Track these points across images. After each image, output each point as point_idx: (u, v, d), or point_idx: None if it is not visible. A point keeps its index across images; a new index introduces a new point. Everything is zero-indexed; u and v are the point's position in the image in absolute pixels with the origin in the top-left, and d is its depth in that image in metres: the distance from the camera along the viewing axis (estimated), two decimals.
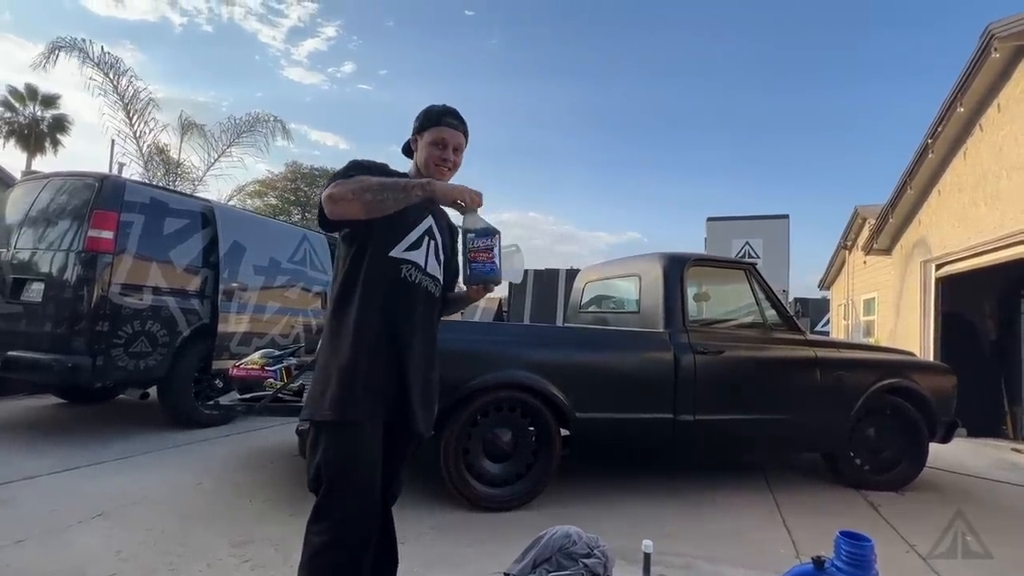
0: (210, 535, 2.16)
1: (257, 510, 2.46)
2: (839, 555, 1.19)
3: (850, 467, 3.40)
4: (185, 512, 2.39)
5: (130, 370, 3.53)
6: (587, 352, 2.95)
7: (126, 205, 3.57)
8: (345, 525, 1.23)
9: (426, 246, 1.41)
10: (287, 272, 4.79)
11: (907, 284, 7.25)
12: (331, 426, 1.24)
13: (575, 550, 1.26)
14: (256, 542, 2.12)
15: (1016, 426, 5.87)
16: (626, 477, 3.31)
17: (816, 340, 3.55)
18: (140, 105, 9.87)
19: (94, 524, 2.22)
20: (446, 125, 1.42)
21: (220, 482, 2.82)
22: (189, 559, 1.96)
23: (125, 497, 2.52)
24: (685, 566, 2.12)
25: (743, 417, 3.10)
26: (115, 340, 3.44)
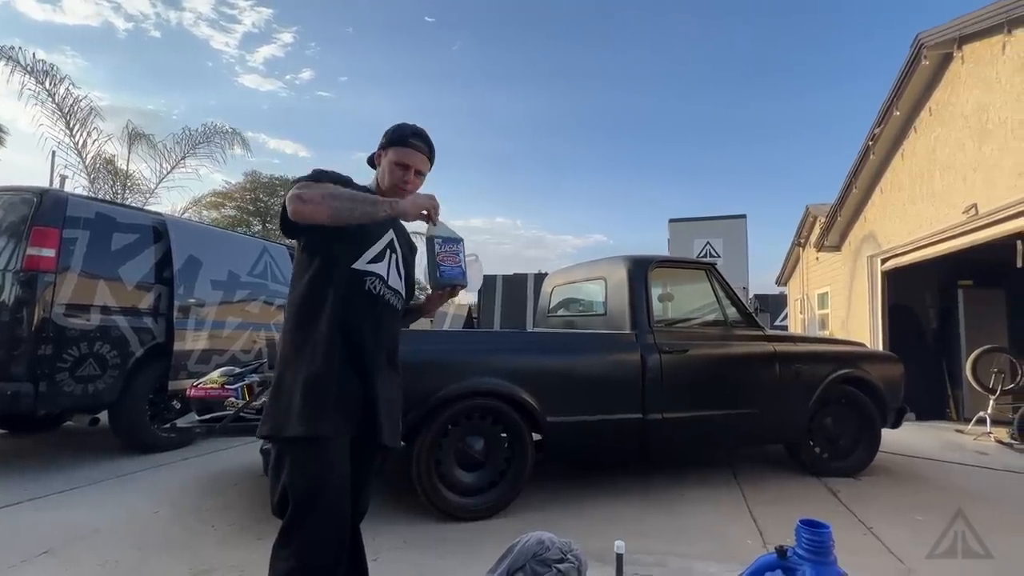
0: (168, 566, 2.06)
1: (220, 536, 2.36)
2: (800, 543, 1.24)
3: (810, 456, 3.54)
4: (141, 543, 2.27)
5: (77, 395, 3.33)
6: (556, 356, 2.98)
7: (69, 221, 3.38)
8: (315, 548, 1.20)
9: (388, 259, 1.41)
10: (247, 286, 4.63)
11: (856, 278, 7.64)
12: (299, 442, 1.21)
13: (548, 556, 1.26)
14: (219, 569, 2.03)
15: (959, 408, 6.25)
16: (599, 478, 3.35)
17: (774, 335, 3.69)
18: (81, 114, 9.38)
19: (40, 562, 2.07)
20: (412, 147, 1.41)
21: (179, 509, 2.69)
22: None
23: (74, 531, 2.37)
24: (657, 563, 2.16)
25: (709, 413, 3.18)
26: (60, 364, 3.24)
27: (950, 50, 5.30)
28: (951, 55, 5.33)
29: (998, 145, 4.66)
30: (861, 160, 7.05)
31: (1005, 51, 4.58)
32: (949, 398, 6.39)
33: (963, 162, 5.18)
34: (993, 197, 4.67)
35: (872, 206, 7.31)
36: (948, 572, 2.16)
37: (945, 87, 5.53)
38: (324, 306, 1.27)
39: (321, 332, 1.25)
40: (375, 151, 1.47)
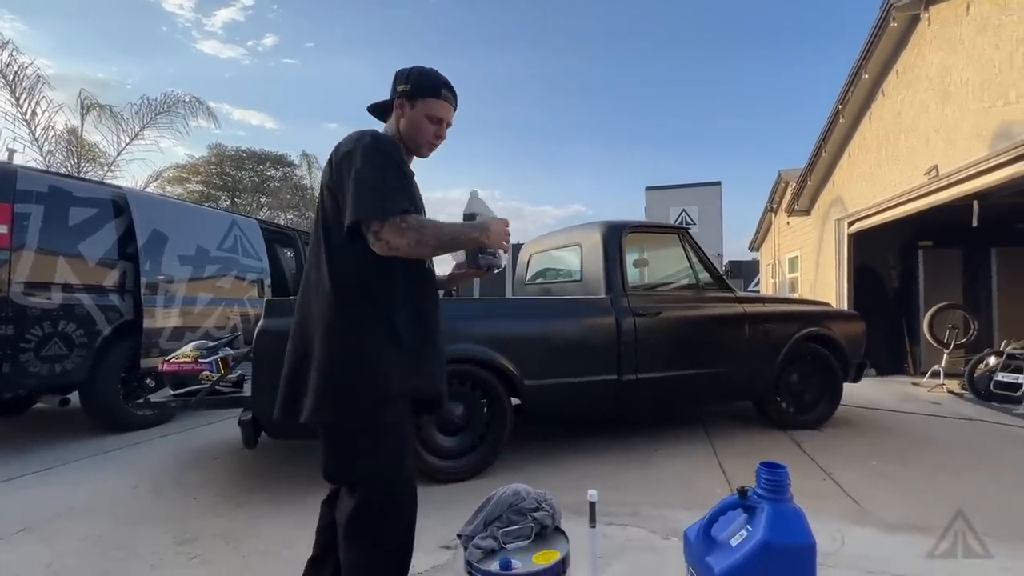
0: (152, 536, 2.07)
1: (203, 507, 2.38)
2: (759, 484, 1.32)
3: (777, 411, 3.72)
4: (122, 518, 2.27)
5: (44, 376, 3.24)
6: (532, 322, 3.02)
7: (20, 195, 3.21)
8: (404, 525, 1.20)
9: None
10: (217, 260, 4.51)
11: (824, 241, 7.85)
12: (397, 412, 1.21)
13: (524, 506, 1.31)
14: (204, 538, 2.06)
15: (915, 363, 6.60)
16: (576, 439, 3.46)
17: (744, 296, 3.80)
18: (28, 83, 8.77)
19: (17, 540, 2.06)
20: (445, 100, 1.33)
21: (160, 483, 2.69)
22: (131, 562, 1.87)
23: (51, 509, 2.35)
24: (632, 513, 2.27)
25: (682, 373, 3.29)
26: (23, 344, 3.14)
27: (917, 11, 5.34)
28: (918, 16, 5.38)
29: (959, 106, 4.77)
30: (831, 124, 7.15)
31: (969, 12, 4.64)
32: (907, 354, 6.73)
33: (926, 124, 5.30)
34: (953, 158, 4.82)
35: (840, 170, 7.46)
36: (897, 508, 2.33)
37: (912, 49, 5.59)
38: (399, 283, 1.24)
39: (408, 308, 1.25)
40: (388, 99, 1.34)
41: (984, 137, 4.40)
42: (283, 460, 3.03)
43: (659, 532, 2.09)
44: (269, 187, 20.01)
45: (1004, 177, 4.20)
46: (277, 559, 1.89)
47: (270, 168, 20.11)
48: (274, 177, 20.27)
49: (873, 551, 1.93)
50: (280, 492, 2.53)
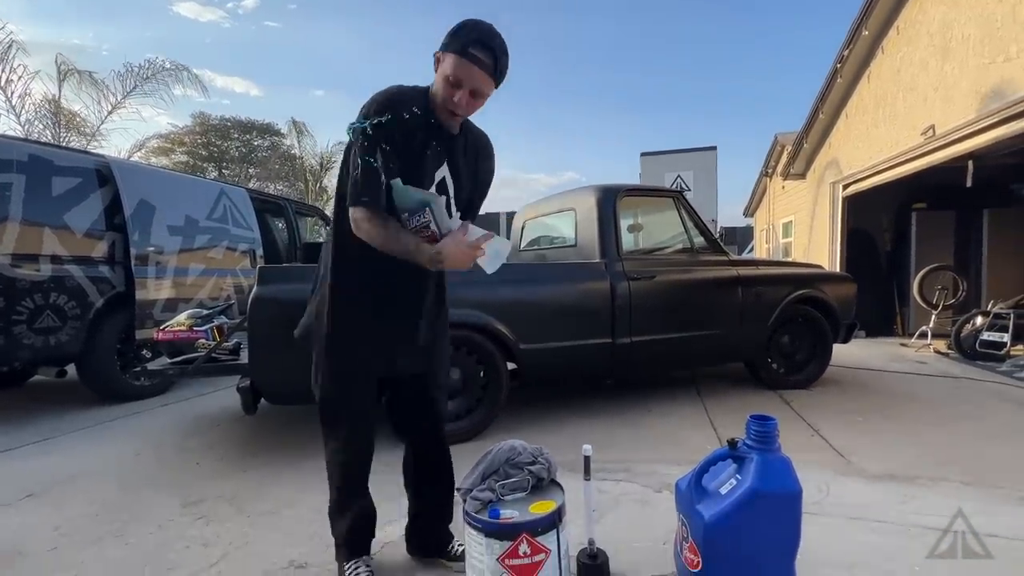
0: (157, 500, 2.12)
1: (206, 471, 2.42)
2: (749, 435, 1.36)
3: (768, 372, 3.79)
4: (127, 482, 2.31)
5: (39, 348, 3.24)
6: (528, 287, 3.02)
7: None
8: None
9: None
10: (207, 231, 4.45)
11: (819, 204, 7.84)
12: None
13: (520, 460, 1.35)
14: (208, 500, 2.11)
15: (904, 324, 6.71)
16: (571, 401, 3.53)
17: (738, 260, 3.81)
18: (0, 48, 8.43)
19: (24, 505, 2.11)
20: (469, 59, 1.21)
21: (162, 450, 2.73)
22: (137, 524, 1.92)
23: (56, 476, 2.39)
24: (624, 469, 2.34)
25: (675, 335, 3.33)
26: (15, 317, 3.12)
27: None
28: None
29: (958, 63, 4.69)
30: (828, 84, 7.03)
31: None
32: (897, 315, 6.84)
33: (925, 82, 5.22)
34: (950, 117, 4.77)
35: (837, 132, 7.38)
36: (879, 459, 2.41)
37: (914, 4, 5.45)
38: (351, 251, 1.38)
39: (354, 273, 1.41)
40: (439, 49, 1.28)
41: (982, 95, 4.35)
42: (282, 426, 3.08)
43: (651, 486, 2.16)
44: (256, 157, 19.59)
45: (1001, 135, 4.18)
46: (280, 518, 1.95)
47: (257, 138, 19.63)
48: (261, 147, 19.82)
49: (856, 499, 2.01)
50: (280, 456, 2.58)
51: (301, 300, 2.38)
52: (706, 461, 1.41)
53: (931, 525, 1.76)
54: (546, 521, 1.20)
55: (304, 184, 16.49)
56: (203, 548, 1.75)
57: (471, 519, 1.22)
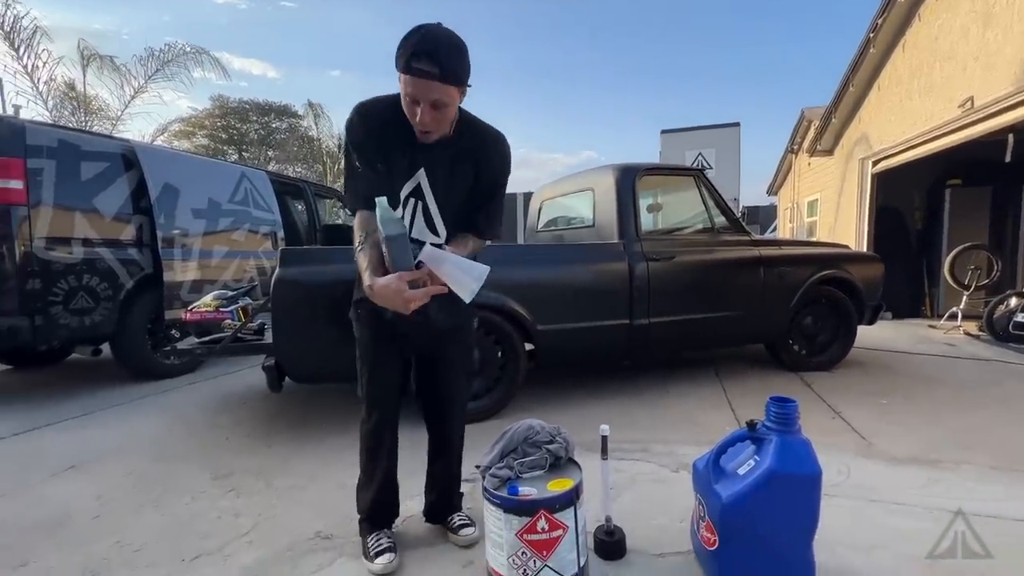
0: (190, 472, 2.22)
1: (234, 446, 2.52)
2: (768, 417, 1.35)
3: (789, 353, 3.74)
4: (161, 455, 2.42)
5: (74, 328, 3.37)
6: (545, 268, 3.01)
7: (31, 150, 3.21)
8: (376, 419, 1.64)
9: (412, 210, 1.43)
10: (230, 214, 4.53)
11: (847, 181, 7.59)
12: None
13: (538, 439, 1.37)
14: (237, 473, 2.20)
15: (933, 306, 6.52)
16: (588, 382, 3.54)
17: (760, 240, 3.73)
18: (25, 34, 8.56)
19: (67, 476, 2.22)
20: (414, 74, 1.16)
21: (193, 425, 2.84)
22: (172, 494, 2.02)
23: (95, 449, 2.52)
24: (642, 449, 2.35)
25: (694, 317, 3.30)
26: (51, 298, 3.25)
27: None
28: None
29: (1002, 30, 4.43)
30: (860, 55, 6.71)
31: None
32: (926, 296, 6.64)
33: (965, 51, 4.95)
34: (991, 88, 4.53)
35: (868, 105, 7.08)
36: (903, 443, 2.37)
37: None
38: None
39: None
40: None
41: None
42: (306, 404, 3.16)
43: (668, 466, 2.17)
44: (275, 139, 19.74)
45: None
46: (305, 492, 2.02)
47: (275, 120, 19.74)
48: (279, 129, 19.93)
49: (878, 482, 2.00)
50: (304, 433, 2.66)
51: (322, 281, 2.44)
52: (724, 442, 1.41)
53: (953, 509, 1.74)
54: (564, 498, 1.22)
55: (322, 166, 16.58)
56: (234, 518, 1.83)
57: (490, 495, 1.24)
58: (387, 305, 1.27)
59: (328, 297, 2.31)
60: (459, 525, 1.64)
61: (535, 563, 1.19)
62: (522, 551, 1.20)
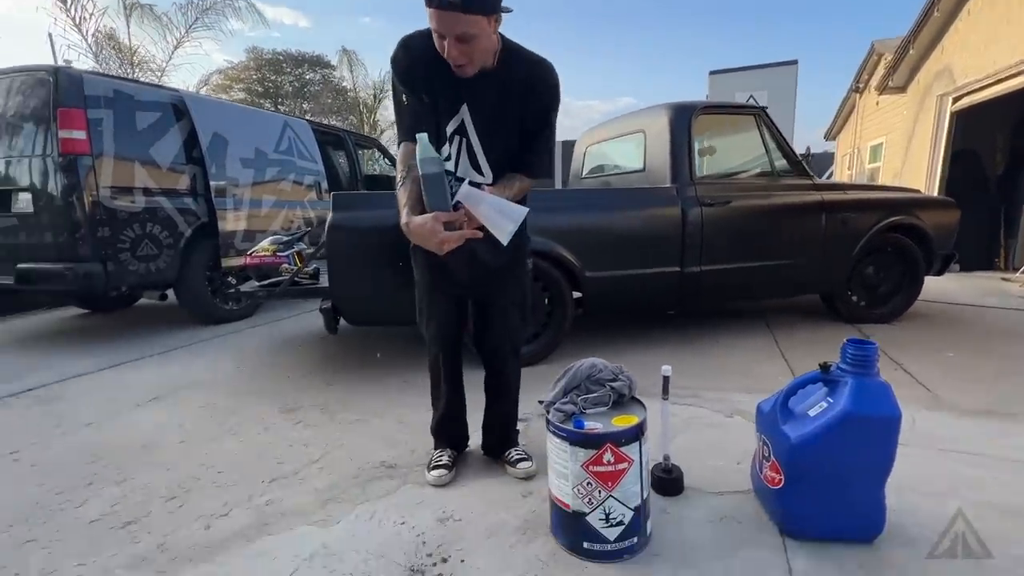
0: (260, 406, 2.37)
1: (297, 384, 2.66)
2: (844, 358, 1.30)
3: (847, 305, 3.57)
4: (231, 391, 2.59)
5: (142, 274, 3.57)
6: (595, 213, 2.94)
7: (90, 100, 3.31)
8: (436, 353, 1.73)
9: (456, 148, 1.40)
10: (275, 163, 4.59)
11: (920, 122, 6.95)
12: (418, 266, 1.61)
13: (602, 376, 1.37)
14: (303, 408, 2.33)
15: (1008, 258, 6.05)
16: (635, 331, 3.51)
17: (823, 184, 3.50)
18: None
19: (151, 406, 2.42)
20: (434, 6, 1.14)
21: (257, 365, 3.01)
22: (246, 425, 2.17)
23: (173, 383, 2.71)
24: (693, 395, 2.34)
25: (748, 265, 3.18)
26: (120, 245, 3.43)
27: None
28: None
29: None
30: None
31: None
32: (1000, 248, 6.15)
33: None
34: None
35: (954, 33, 6.34)
36: (971, 396, 2.26)
37: None
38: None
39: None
40: None
41: None
42: (362, 347, 3.29)
43: (722, 411, 2.16)
44: (310, 91, 19.66)
45: None
46: (368, 426, 2.13)
47: (308, 71, 19.57)
48: (313, 81, 19.80)
49: (946, 432, 1.92)
50: (362, 374, 2.78)
51: (376, 226, 2.45)
52: (794, 383, 1.37)
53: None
54: (630, 433, 1.23)
55: (357, 118, 16.48)
56: (304, 448, 1.95)
57: (556, 429, 1.26)
58: (422, 245, 1.30)
59: (382, 242, 2.33)
60: (516, 459, 1.70)
61: (600, 493, 1.22)
62: (587, 481, 1.22)
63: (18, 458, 1.93)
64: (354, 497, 1.60)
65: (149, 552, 1.37)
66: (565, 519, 1.29)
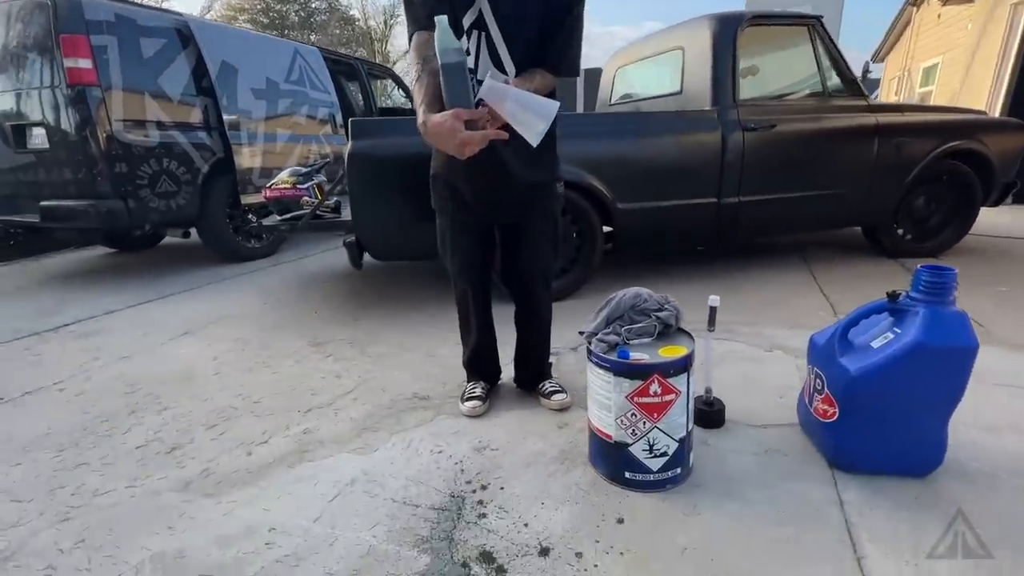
0: (290, 339, 2.38)
1: (325, 319, 2.66)
2: (916, 286, 1.19)
3: (891, 238, 3.37)
4: (261, 326, 2.60)
5: (163, 211, 3.53)
6: (627, 140, 2.74)
7: (91, 25, 3.13)
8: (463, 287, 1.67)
9: (475, 43, 1.26)
10: (288, 94, 4.39)
11: (987, 35, 6.27)
12: (438, 195, 1.54)
13: (646, 306, 1.29)
14: (332, 342, 2.33)
15: None
16: (665, 267, 3.40)
17: (879, 105, 3.20)
18: None
19: (184, 340, 2.45)
20: None
21: (284, 301, 3.01)
22: (278, 357, 2.18)
23: (204, 318, 2.74)
24: (728, 331, 2.26)
25: (790, 196, 2.98)
26: (139, 181, 3.37)
27: None
28: None
29: None
30: None
31: None
32: None
33: None
34: None
35: None
36: None
37: None
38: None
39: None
40: None
41: None
42: (388, 284, 3.26)
43: (761, 346, 2.09)
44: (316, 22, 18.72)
45: None
46: (399, 359, 2.12)
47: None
48: (319, 10, 18.79)
49: (1000, 367, 1.84)
50: (389, 309, 2.76)
51: (398, 154, 2.33)
52: (856, 314, 1.28)
53: None
54: (678, 364, 1.17)
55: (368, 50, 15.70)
56: (336, 379, 1.96)
57: (599, 359, 1.21)
58: (440, 146, 1.17)
59: (404, 171, 2.22)
60: (551, 391, 1.67)
61: (644, 424, 1.18)
62: (632, 413, 1.18)
63: (63, 387, 1.98)
64: (390, 427, 1.61)
65: (195, 476, 1.41)
66: (606, 449, 1.26)
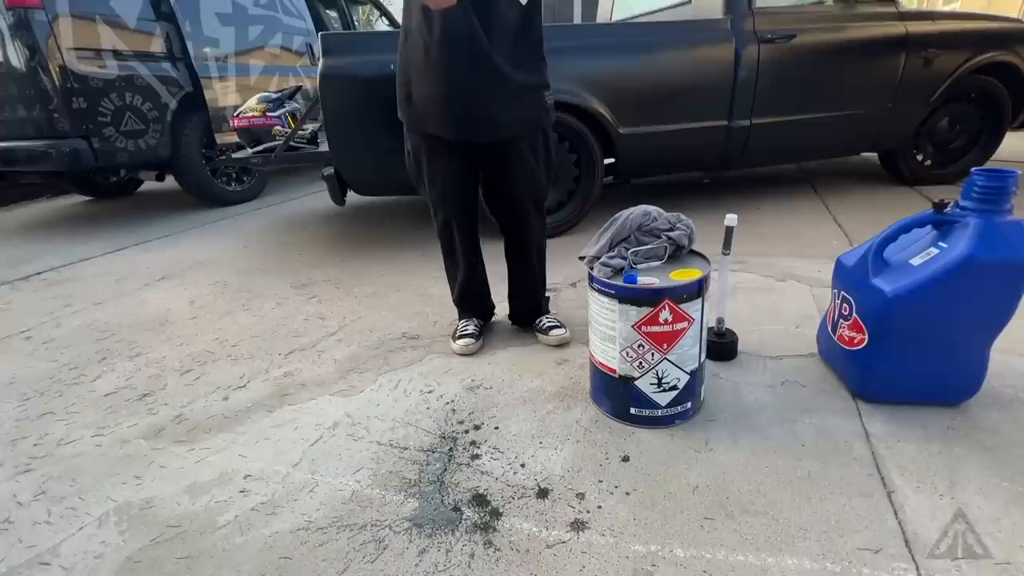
0: (271, 283, 2.24)
1: (309, 261, 2.51)
2: (968, 194, 1.03)
3: (909, 163, 3.16)
4: (241, 269, 2.45)
5: (132, 151, 3.29)
6: (631, 56, 2.48)
7: None
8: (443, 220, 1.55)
9: None
10: (258, 20, 4.00)
11: None
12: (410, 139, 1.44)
13: (656, 226, 1.14)
14: (316, 283, 2.19)
15: None
16: (669, 198, 3.21)
17: (909, 12, 2.89)
18: None
19: (161, 284, 2.31)
20: None
21: (265, 244, 2.85)
22: (259, 300, 2.05)
23: (181, 263, 2.59)
24: (739, 262, 2.12)
25: (806, 117, 2.75)
26: (101, 119, 3.11)
27: None
28: None
29: None
30: None
31: None
32: None
33: None
34: None
35: None
36: None
37: None
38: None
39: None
40: None
41: None
42: (374, 225, 3.08)
43: (773, 276, 1.96)
44: None
45: None
46: (386, 300, 1.99)
47: None
48: None
49: None
50: (376, 250, 2.60)
51: (376, 74, 2.08)
52: (893, 229, 1.13)
53: None
54: (692, 288, 1.03)
55: None
56: (320, 321, 1.83)
57: (602, 286, 1.07)
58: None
59: (386, 92, 1.98)
60: (549, 326, 1.55)
61: (653, 356, 1.06)
62: (639, 344, 1.06)
63: (30, 336, 1.86)
64: (376, 367, 1.50)
65: (166, 422, 1.31)
66: (610, 384, 1.15)
